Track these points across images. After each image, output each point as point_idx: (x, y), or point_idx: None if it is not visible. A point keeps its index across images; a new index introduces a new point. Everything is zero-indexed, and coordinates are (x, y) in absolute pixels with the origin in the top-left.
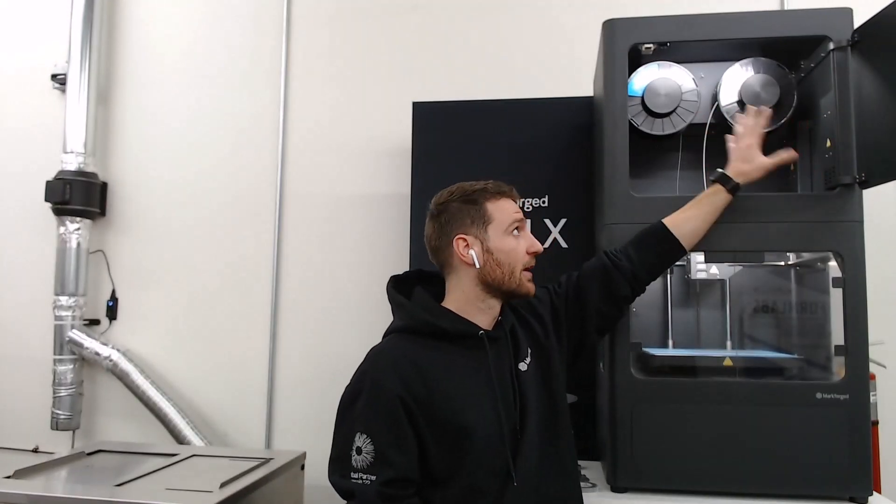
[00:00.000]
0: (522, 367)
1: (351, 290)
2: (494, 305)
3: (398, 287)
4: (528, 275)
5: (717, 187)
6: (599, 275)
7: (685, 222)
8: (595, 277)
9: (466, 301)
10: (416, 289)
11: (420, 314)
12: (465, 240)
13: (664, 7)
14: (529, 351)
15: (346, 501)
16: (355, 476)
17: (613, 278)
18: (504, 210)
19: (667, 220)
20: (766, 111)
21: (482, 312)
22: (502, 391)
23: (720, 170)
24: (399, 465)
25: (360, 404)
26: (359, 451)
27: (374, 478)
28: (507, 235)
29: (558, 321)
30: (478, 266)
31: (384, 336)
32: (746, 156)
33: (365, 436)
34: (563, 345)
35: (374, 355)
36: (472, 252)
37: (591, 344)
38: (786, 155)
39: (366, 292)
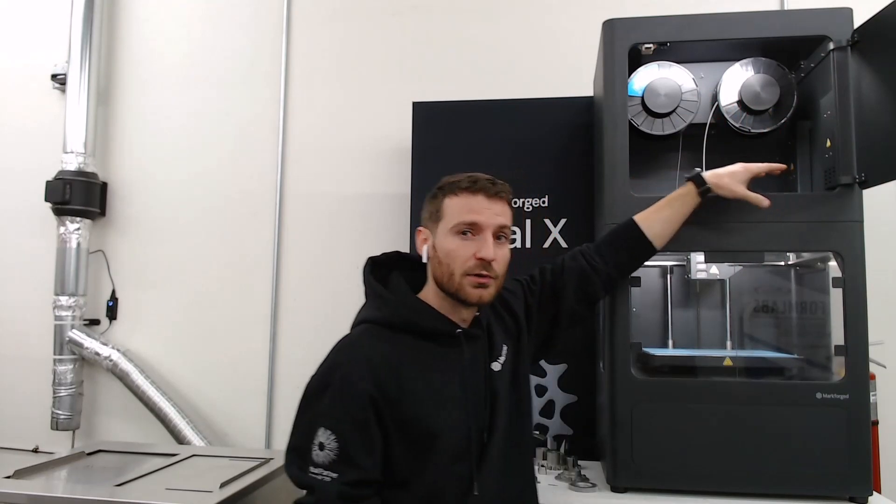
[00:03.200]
0: (496, 366)
1: (351, 289)
2: (458, 306)
3: (375, 272)
4: (473, 280)
5: (691, 187)
6: (577, 277)
7: (657, 222)
8: (572, 279)
9: (432, 294)
10: (392, 274)
11: (399, 309)
12: (421, 232)
13: (664, 7)
14: (504, 348)
15: (303, 493)
16: (315, 471)
17: (591, 281)
18: (458, 208)
19: (639, 220)
20: (781, 167)
21: (450, 311)
22: (474, 393)
23: (698, 169)
24: (364, 466)
25: (328, 399)
26: (321, 446)
27: (335, 476)
28: (451, 235)
29: (529, 316)
30: (424, 260)
31: (355, 323)
32: (735, 177)
33: (330, 432)
34: (531, 341)
35: (346, 348)
36: (424, 247)
37: (559, 342)
38: (757, 197)
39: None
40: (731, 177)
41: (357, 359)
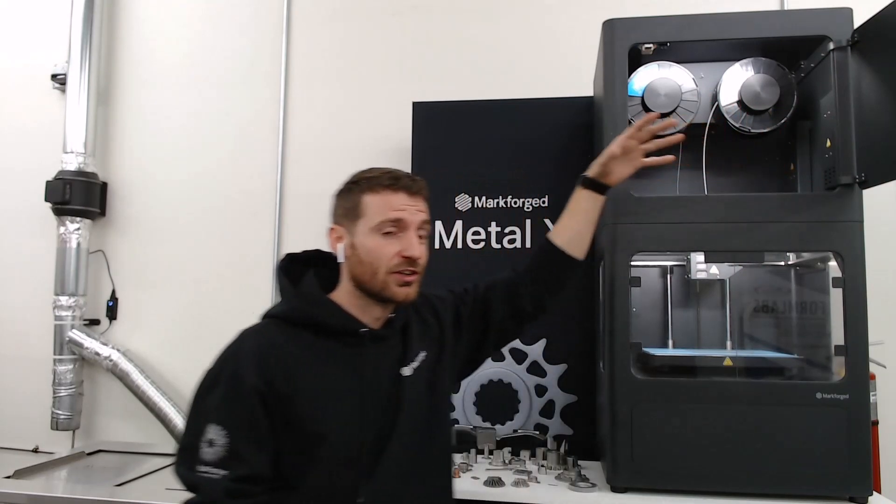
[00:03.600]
0: (406, 371)
1: None
2: (373, 306)
3: (290, 268)
4: (399, 278)
5: (586, 191)
6: (507, 292)
7: (564, 232)
8: (503, 294)
9: (346, 294)
10: (307, 272)
11: (299, 304)
12: (335, 230)
13: (664, 7)
14: (422, 354)
15: (191, 494)
16: (203, 469)
17: (520, 296)
18: (380, 206)
19: (552, 236)
20: (657, 119)
21: (362, 311)
22: (374, 396)
23: (584, 174)
24: (253, 462)
25: (217, 395)
26: (211, 443)
27: (224, 472)
28: (374, 234)
29: (459, 327)
30: (341, 260)
31: (261, 318)
32: (618, 160)
33: (219, 428)
34: (459, 353)
35: (239, 341)
36: (340, 245)
37: (486, 357)
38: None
39: None
40: (614, 162)
41: (248, 353)
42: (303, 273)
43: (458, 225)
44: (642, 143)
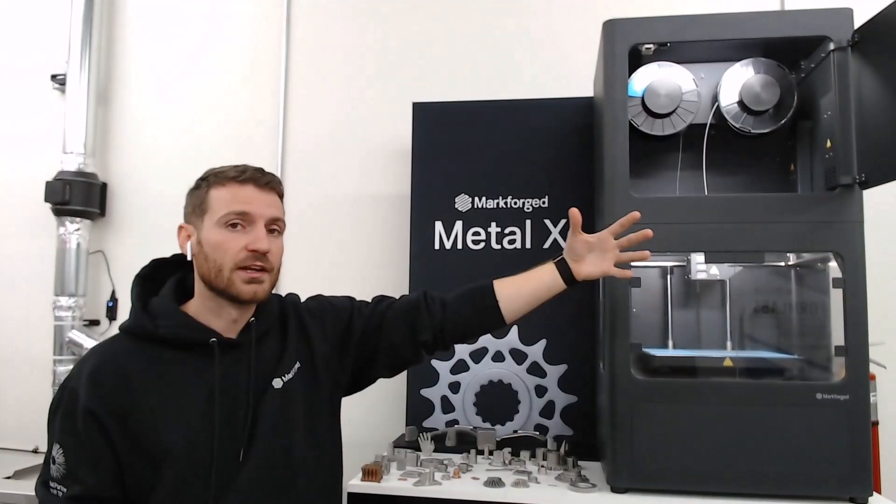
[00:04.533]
0: (277, 382)
1: (350, 290)
2: (227, 307)
3: (153, 275)
4: (246, 275)
5: (556, 275)
6: (409, 313)
7: (515, 299)
8: (403, 314)
9: (200, 298)
10: (169, 280)
11: (139, 317)
12: (185, 229)
13: (664, 7)
14: (296, 365)
15: None
16: (53, 486)
17: (421, 320)
18: (226, 198)
19: (498, 288)
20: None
21: (217, 315)
22: (228, 409)
23: (563, 256)
24: (89, 483)
25: (59, 414)
26: (54, 461)
27: (64, 490)
28: (219, 227)
29: (349, 339)
30: (189, 258)
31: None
32: (594, 264)
33: (58, 446)
34: (345, 366)
35: (85, 359)
36: (188, 244)
37: (376, 377)
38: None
39: (365, 293)
40: (591, 253)
41: (86, 372)
42: (143, 281)
43: (458, 225)
44: (615, 237)
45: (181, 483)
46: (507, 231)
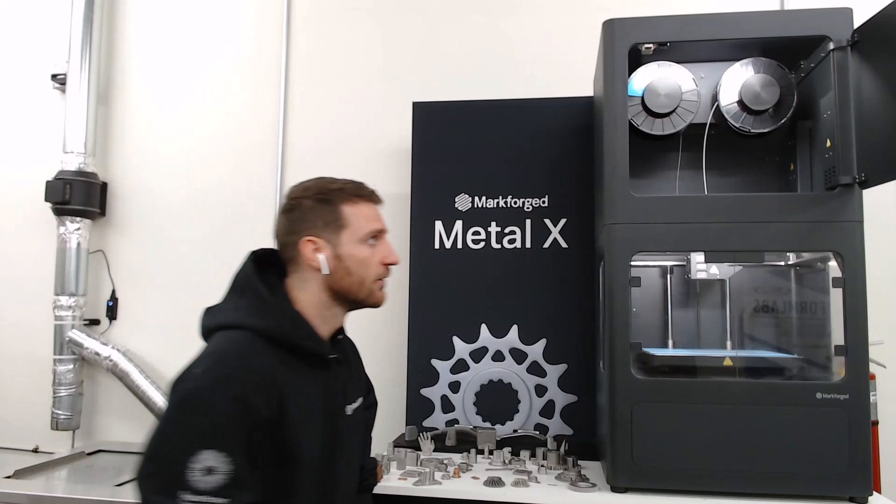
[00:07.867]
0: (349, 410)
1: None
2: (339, 314)
3: (258, 271)
4: (381, 284)
5: None
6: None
7: None
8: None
9: (312, 305)
10: (268, 276)
11: (285, 325)
12: (314, 242)
13: (664, 7)
14: (360, 400)
15: None
16: (193, 499)
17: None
18: (362, 216)
19: None
20: None
21: (325, 321)
22: (329, 420)
23: None
24: (254, 488)
25: (215, 416)
26: (210, 470)
27: (227, 501)
28: (361, 244)
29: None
30: (326, 272)
31: (225, 324)
32: None
33: (224, 454)
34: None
35: (235, 359)
36: (321, 256)
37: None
38: None
39: None
40: None
41: (250, 377)
42: (262, 276)
43: (458, 225)
44: None
45: (309, 492)
46: (507, 230)
